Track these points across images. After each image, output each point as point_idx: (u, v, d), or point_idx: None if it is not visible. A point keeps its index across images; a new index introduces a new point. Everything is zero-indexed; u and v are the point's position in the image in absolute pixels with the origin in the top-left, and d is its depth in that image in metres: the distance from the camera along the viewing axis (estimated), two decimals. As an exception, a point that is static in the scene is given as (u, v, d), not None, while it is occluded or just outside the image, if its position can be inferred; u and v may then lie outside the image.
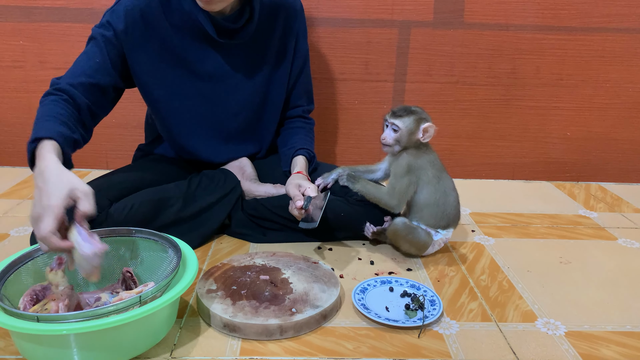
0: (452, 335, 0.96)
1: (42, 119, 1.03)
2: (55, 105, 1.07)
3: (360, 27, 1.71)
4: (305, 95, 1.46)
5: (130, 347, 0.86)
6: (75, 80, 1.14)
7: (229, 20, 1.23)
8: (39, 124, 1.01)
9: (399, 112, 1.19)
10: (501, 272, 1.20)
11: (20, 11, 1.69)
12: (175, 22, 1.23)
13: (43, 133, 0.97)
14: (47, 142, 0.96)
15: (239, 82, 1.33)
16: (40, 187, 0.87)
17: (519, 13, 1.70)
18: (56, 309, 0.85)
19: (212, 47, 1.27)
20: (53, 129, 0.99)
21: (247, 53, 1.31)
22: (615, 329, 0.99)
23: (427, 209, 1.20)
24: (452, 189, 1.22)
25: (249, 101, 1.36)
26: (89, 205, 0.85)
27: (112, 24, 1.19)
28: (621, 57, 1.75)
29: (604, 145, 1.86)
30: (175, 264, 0.91)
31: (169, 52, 1.25)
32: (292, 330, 0.93)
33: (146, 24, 1.21)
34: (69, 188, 0.85)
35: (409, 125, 1.17)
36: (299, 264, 1.13)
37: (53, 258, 0.88)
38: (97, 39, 1.19)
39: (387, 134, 1.20)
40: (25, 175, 1.79)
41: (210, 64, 1.28)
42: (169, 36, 1.23)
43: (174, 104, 1.31)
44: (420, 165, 1.19)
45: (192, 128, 1.35)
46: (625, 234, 1.43)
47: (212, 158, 1.39)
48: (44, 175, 0.88)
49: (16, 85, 1.77)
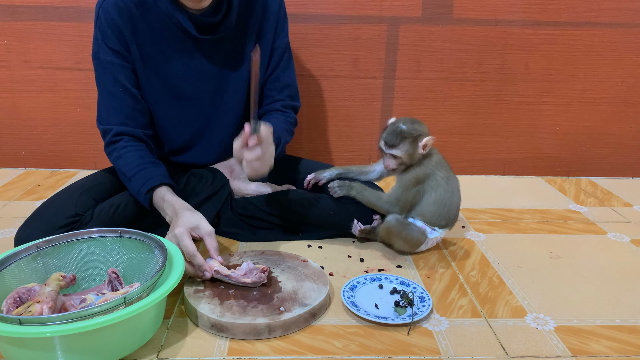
0: (442, 332, 0.95)
1: (139, 169, 1.15)
2: (132, 152, 1.18)
3: (348, 24, 1.70)
4: (287, 90, 1.37)
5: (116, 348, 0.85)
6: (120, 120, 1.20)
7: (207, 15, 1.19)
8: (142, 175, 1.14)
9: (392, 141, 1.15)
10: (491, 268, 1.20)
11: (3, 10, 1.67)
12: (154, 26, 1.19)
13: (154, 182, 1.13)
14: (163, 188, 1.13)
15: (224, 81, 1.30)
16: (174, 222, 1.06)
17: (508, 8, 1.70)
18: (40, 311, 0.84)
19: (194, 47, 1.24)
20: (158, 174, 1.15)
21: (228, 49, 1.27)
22: (605, 323, 0.99)
23: (433, 208, 1.19)
24: (458, 190, 1.22)
25: (235, 99, 1.33)
26: (213, 242, 1.04)
27: (112, 47, 1.18)
28: (610, 52, 1.76)
29: (594, 140, 1.86)
30: (161, 264, 0.90)
31: (150, 56, 1.22)
32: (280, 329, 0.92)
33: (134, 33, 1.19)
34: (194, 225, 1.04)
35: (407, 150, 1.16)
36: (288, 263, 1.13)
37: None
38: (106, 67, 1.19)
39: (389, 162, 1.18)
40: (10, 177, 1.77)
41: (194, 65, 1.25)
42: (149, 40, 1.20)
43: (158, 107, 1.28)
44: (428, 173, 1.18)
45: (180, 130, 1.32)
46: (615, 228, 1.44)
47: (201, 160, 1.37)
48: (177, 214, 1.06)
49: (1, 86, 1.74)
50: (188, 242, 1.00)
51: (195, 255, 1.00)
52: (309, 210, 1.28)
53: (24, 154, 1.83)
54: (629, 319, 1.01)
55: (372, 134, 1.82)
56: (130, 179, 1.15)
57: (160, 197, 1.12)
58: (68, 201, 1.16)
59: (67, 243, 1.00)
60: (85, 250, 1.02)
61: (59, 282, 0.92)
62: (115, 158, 1.18)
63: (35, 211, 1.16)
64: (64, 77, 1.74)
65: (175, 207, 1.08)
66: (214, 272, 1.02)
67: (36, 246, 0.97)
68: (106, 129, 1.20)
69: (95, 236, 1.02)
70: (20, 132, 1.80)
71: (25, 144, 1.82)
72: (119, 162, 1.18)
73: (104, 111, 1.21)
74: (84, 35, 1.69)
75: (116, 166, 1.19)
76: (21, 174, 1.80)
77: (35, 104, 1.77)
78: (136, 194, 1.15)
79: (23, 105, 1.77)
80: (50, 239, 0.99)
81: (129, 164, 1.16)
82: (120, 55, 1.19)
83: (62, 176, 1.78)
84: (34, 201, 1.55)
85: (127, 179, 1.16)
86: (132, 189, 1.16)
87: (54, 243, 0.99)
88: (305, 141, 1.82)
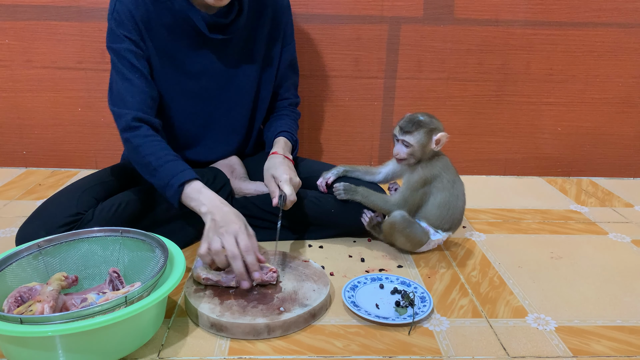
0: (443, 332, 0.95)
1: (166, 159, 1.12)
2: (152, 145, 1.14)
3: (350, 24, 1.70)
4: (293, 88, 1.46)
5: (117, 348, 0.85)
6: (138, 105, 1.16)
7: (219, 15, 1.23)
8: (168, 168, 1.10)
9: (407, 128, 1.15)
10: (492, 268, 1.20)
11: (5, 9, 1.67)
12: (167, 21, 1.22)
13: (189, 176, 1.09)
14: (196, 182, 1.09)
15: (231, 80, 1.32)
16: (216, 219, 1.03)
17: (509, 8, 1.70)
18: (41, 311, 0.84)
19: (203, 44, 1.26)
20: (188, 168, 1.11)
21: (237, 50, 1.31)
22: (606, 323, 0.99)
23: (437, 211, 1.19)
24: (463, 194, 1.22)
25: (241, 98, 1.35)
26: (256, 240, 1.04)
27: (128, 36, 1.18)
28: (611, 52, 1.75)
29: (595, 140, 1.86)
30: (162, 263, 0.90)
31: (161, 51, 1.24)
32: (280, 330, 0.92)
33: (148, 28, 1.20)
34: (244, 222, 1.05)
35: (420, 140, 1.15)
36: (288, 263, 1.13)
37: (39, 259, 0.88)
38: (124, 55, 1.18)
39: (400, 150, 1.17)
40: (11, 176, 1.77)
41: (202, 62, 1.28)
42: (162, 34, 1.23)
43: (166, 103, 1.29)
44: (435, 175, 1.18)
45: (185, 126, 1.33)
46: (616, 229, 1.43)
47: (203, 158, 1.38)
48: (222, 209, 1.05)
49: (2, 85, 1.75)
50: None
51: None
52: (310, 210, 1.28)
53: (24, 153, 1.83)
54: (630, 319, 1.01)
55: (373, 134, 1.82)
56: (157, 169, 1.10)
57: (197, 189, 1.08)
58: (69, 200, 1.16)
59: (68, 242, 1.00)
60: (86, 249, 1.02)
61: (60, 282, 0.92)
62: (137, 145, 1.13)
63: (36, 210, 1.16)
64: (65, 77, 1.74)
65: (215, 202, 1.07)
66: (203, 280, 1.02)
67: (37, 245, 0.97)
68: (122, 112, 1.15)
69: (96, 235, 1.02)
70: (21, 132, 1.80)
71: (26, 144, 1.82)
72: (141, 149, 1.13)
73: (121, 94, 1.17)
74: (85, 35, 1.69)
75: (137, 153, 1.14)
76: (22, 173, 1.80)
77: (36, 104, 1.77)
78: (164, 185, 1.10)
79: (24, 105, 1.77)
80: (51, 238, 0.99)
81: (155, 154, 1.12)
82: (137, 45, 1.19)
83: (63, 176, 1.78)
84: (34, 200, 1.55)
85: (152, 168, 1.11)
86: (159, 179, 1.11)
87: (55, 242, 0.99)
88: (306, 141, 1.82)
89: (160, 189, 1.12)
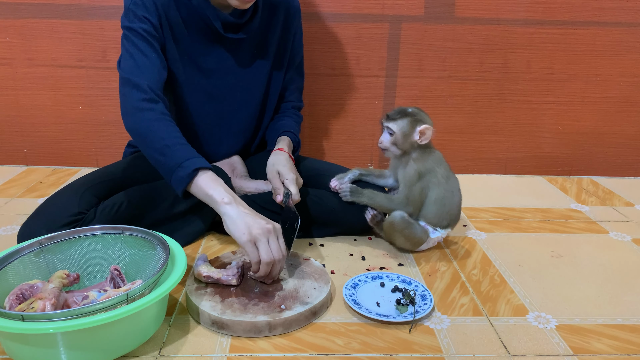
0: (443, 330, 0.95)
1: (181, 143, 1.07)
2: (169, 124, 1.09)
3: (351, 22, 1.70)
4: (297, 92, 1.47)
5: (118, 345, 0.85)
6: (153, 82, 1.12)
7: (235, 16, 1.24)
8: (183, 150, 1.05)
9: (393, 115, 1.17)
10: (493, 267, 1.20)
11: (6, 7, 1.67)
12: (184, 16, 1.23)
13: (203, 164, 1.04)
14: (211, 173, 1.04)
15: (241, 79, 1.33)
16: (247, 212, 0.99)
17: (510, 7, 1.70)
18: (43, 308, 0.84)
19: (217, 43, 1.27)
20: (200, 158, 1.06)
21: (249, 50, 1.32)
22: (606, 322, 0.99)
23: (433, 208, 1.19)
24: (458, 190, 1.22)
25: (250, 98, 1.36)
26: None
27: (148, 18, 1.16)
28: (612, 51, 1.75)
29: (596, 139, 1.86)
30: (163, 261, 0.91)
31: (177, 43, 1.24)
32: (281, 327, 0.92)
33: (167, 17, 1.21)
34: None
35: (403, 128, 1.16)
36: (289, 261, 1.13)
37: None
38: (142, 34, 1.15)
39: (383, 138, 1.19)
40: (12, 174, 1.77)
41: (214, 60, 1.28)
42: (180, 30, 1.23)
43: (176, 98, 1.29)
44: (428, 168, 1.18)
45: (194, 123, 1.34)
46: (617, 228, 1.44)
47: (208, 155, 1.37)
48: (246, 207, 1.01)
49: (3, 83, 1.75)
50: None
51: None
52: (311, 208, 1.29)
53: (25, 151, 1.83)
54: (630, 318, 1.01)
55: (374, 133, 1.82)
56: (170, 147, 1.05)
57: (213, 179, 1.03)
58: (71, 199, 1.16)
59: (70, 240, 1.01)
60: (87, 247, 1.02)
61: (62, 279, 0.92)
62: (154, 119, 1.08)
63: (38, 208, 1.16)
64: (66, 75, 1.74)
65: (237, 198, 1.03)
66: (204, 277, 1.02)
67: (39, 243, 0.97)
68: (139, 82, 1.10)
69: (98, 233, 1.02)
70: (22, 130, 1.80)
71: (27, 142, 1.82)
72: (157, 125, 1.07)
73: (139, 65, 1.13)
74: (86, 33, 1.69)
75: (150, 128, 1.07)
76: (23, 171, 1.80)
77: (38, 102, 1.77)
78: (175, 165, 1.03)
79: (25, 103, 1.77)
80: (52, 236, 0.99)
81: (171, 133, 1.07)
82: (155, 29, 1.18)
83: (64, 174, 1.78)
84: (35, 198, 1.55)
85: (164, 145, 1.05)
86: (171, 158, 1.04)
87: (57, 240, 0.99)
88: (307, 140, 1.82)
89: (167, 169, 1.04)
